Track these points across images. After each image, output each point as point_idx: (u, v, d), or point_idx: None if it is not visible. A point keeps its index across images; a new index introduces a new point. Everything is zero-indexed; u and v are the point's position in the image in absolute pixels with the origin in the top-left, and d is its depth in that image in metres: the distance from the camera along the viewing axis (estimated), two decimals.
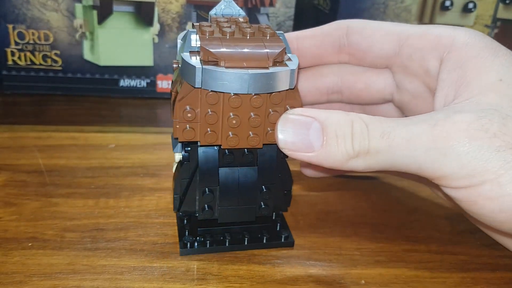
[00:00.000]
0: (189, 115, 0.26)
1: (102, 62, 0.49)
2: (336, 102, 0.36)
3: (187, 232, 0.30)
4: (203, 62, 0.25)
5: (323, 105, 0.36)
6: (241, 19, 0.29)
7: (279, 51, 0.26)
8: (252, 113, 0.26)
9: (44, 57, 0.48)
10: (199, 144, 0.27)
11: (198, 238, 0.30)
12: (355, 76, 0.35)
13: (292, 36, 0.34)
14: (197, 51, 0.26)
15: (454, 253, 0.31)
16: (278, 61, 0.26)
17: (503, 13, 0.50)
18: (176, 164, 0.30)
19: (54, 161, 0.38)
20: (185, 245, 0.30)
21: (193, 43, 0.27)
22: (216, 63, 0.25)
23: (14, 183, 0.35)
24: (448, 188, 0.26)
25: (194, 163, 0.28)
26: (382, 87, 0.34)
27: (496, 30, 0.51)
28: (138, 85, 0.50)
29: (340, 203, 0.35)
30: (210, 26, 0.27)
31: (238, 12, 0.30)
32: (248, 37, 0.27)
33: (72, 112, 0.47)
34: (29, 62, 0.48)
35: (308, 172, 0.36)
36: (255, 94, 0.26)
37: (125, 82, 0.50)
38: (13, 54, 0.47)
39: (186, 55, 0.26)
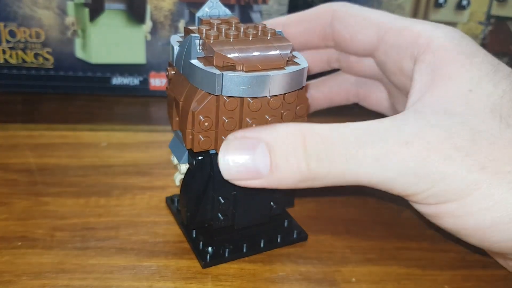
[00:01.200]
0: (206, 124, 0.26)
1: (94, 60, 0.48)
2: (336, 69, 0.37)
3: (201, 244, 0.29)
4: (219, 68, 0.25)
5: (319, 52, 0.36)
6: (234, 20, 0.28)
7: (290, 50, 0.26)
8: (267, 116, 0.26)
9: (36, 55, 0.48)
10: (210, 152, 0.27)
11: (216, 247, 0.29)
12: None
13: (279, 22, 0.34)
14: (204, 57, 0.26)
15: (445, 251, 0.31)
16: (289, 60, 0.26)
17: (497, 10, 0.50)
18: (180, 176, 0.29)
19: (45, 159, 0.38)
20: (207, 257, 0.29)
21: (198, 49, 0.26)
22: (232, 68, 0.25)
23: (4, 182, 0.35)
24: (416, 204, 0.26)
25: (206, 172, 0.28)
26: (371, 65, 0.34)
27: (490, 27, 0.51)
28: (130, 83, 0.50)
29: (331, 201, 0.35)
30: (210, 29, 0.26)
31: (225, 12, 0.29)
32: (251, 38, 0.26)
33: (63, 111, 0.47)
34: (20, 61, 0.48)
35: None
36: (272, 96, 0.25)
37: (117, 80, 0.49)
38: (4, 52, 0.47)
39: (197, 63, 0.25)
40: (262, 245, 0.30)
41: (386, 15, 0.32)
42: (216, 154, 0.26)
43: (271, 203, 0.30)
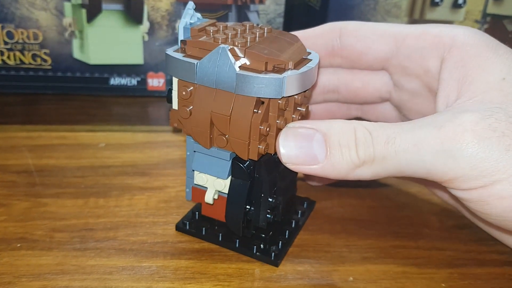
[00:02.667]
0: (267, 129, 0.26)
1: (92, 61, 0.48)
2: (333, 102, 0.36)
3: (261, 245, 0.30)
4: (274, 72, 0.25)
5: (320, 105, 0.36)
6: (221, 24, 0.28)
7: (298, 40, 0.27)
8: (293, 115, 0.27)
9: (34, 56, 0.48)
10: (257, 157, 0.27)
11: (273, 243, 0.30)
12: (352, 74, 0.34)
13: None
14: (247, 65, 0.25)
15: (442, 249, 0.31)
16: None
17: (492, 9, 0.50)
18: (213, 193, 0.29)
19: (44, 161, 0.38)
20: (276, 255, 0.29)
21: (231, 58, 0.25)
22: (282, 69, 0.25)
23: (3, 184, 0.35)
24: (458, 190, 0.26)
25: (255, 177, 0.28)
26: (379, 85, 0.34)
27: (486, 26, 0.51)
28: (128, 84, 0.50)
29: (328, 200, 0.35)
30: (226, 37, 0.26)
31: (201, 18, 0.29)
32: (264, 37, 0.27)
33: (62, 111, 0.47)
34: (18, 62, 0.48)
35: (313, 182, 0.36)
36: (297, 94, 0.26)
37: (115, 81, 0.50)
38: (2, 53, 0.47)
39: (248, 73, 0.25)
40: (293, 225, 0.32)
41: (397, 25, 0.32)
42: (259, 159, 0.27)
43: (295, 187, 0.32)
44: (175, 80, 0.28)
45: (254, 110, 0.25)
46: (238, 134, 0.26)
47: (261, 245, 0.30)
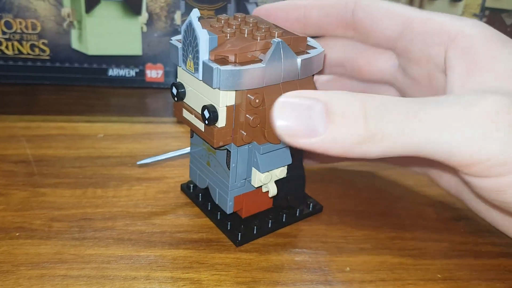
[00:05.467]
0: None
1: (90, 52, 0.48)
2: (339, 75, 0.36)
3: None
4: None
5: (326, 77, 0.36)
6: (223, 16, 0.29)
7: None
8: None
9: (32, 47, 0.48)
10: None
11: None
12: (358, 51, 0.34)
13: (300, 4, 0.33)
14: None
15: (439, 240, 0.32)
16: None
17: (491, 2, 0.50)
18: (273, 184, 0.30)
19: (42, 151, 0.38)
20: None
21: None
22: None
23: (2, 173, 0.35)
24: (475, 178, 0.24)
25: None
26: (382, 66, 0.34)
27: (484, 20, 0.51)
28: (127, 75, 0.50)
29: (325, 191, 0.35)
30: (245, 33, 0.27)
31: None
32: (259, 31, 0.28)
33: (60, 102, 0.47)
34: (16, 52, 0.48)
35: (312, 162, 0.36)
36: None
37: (113, 72, 0.49)
38: (0, 43, 0.47)
39: (306, 56, 0.27)
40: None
41: (409, 8, 0.32)
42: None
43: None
44: (223, 93, 0.26)
45: None
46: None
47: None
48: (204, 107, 0.27)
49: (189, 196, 0.34)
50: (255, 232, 0.30)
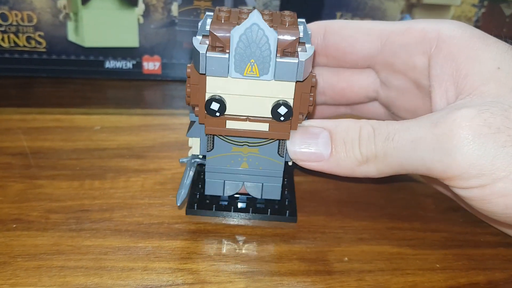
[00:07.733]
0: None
1: (87, 44, 0.48)
2: (320, 104, 0.36)
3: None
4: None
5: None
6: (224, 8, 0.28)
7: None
8: None
9: (28, 39, 0.47)
10: None
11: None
12: (337, 75, 0.34)
13: None
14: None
15: (437, 231, 0.31)
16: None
17: None
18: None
19: (39, 143, 0.38)
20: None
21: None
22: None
23: None
24: (459, 189, 0.25)
25: None
26: (365, 84, 0.34)
27: (483, 10, 0.51)
28: (123, 67, 0.49)
29: (324, 182, 0.35)
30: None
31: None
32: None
33: (57, 94, 0.47)
34: (12, 44, 0.47)
35: None
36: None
37: (110, 64, 0.49)
38: None
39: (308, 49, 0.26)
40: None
41: (382, 23, 0.32)
42: None
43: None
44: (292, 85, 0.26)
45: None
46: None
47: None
48: (277, 105, 0.26)
49: (203, 213, 0.31)
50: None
